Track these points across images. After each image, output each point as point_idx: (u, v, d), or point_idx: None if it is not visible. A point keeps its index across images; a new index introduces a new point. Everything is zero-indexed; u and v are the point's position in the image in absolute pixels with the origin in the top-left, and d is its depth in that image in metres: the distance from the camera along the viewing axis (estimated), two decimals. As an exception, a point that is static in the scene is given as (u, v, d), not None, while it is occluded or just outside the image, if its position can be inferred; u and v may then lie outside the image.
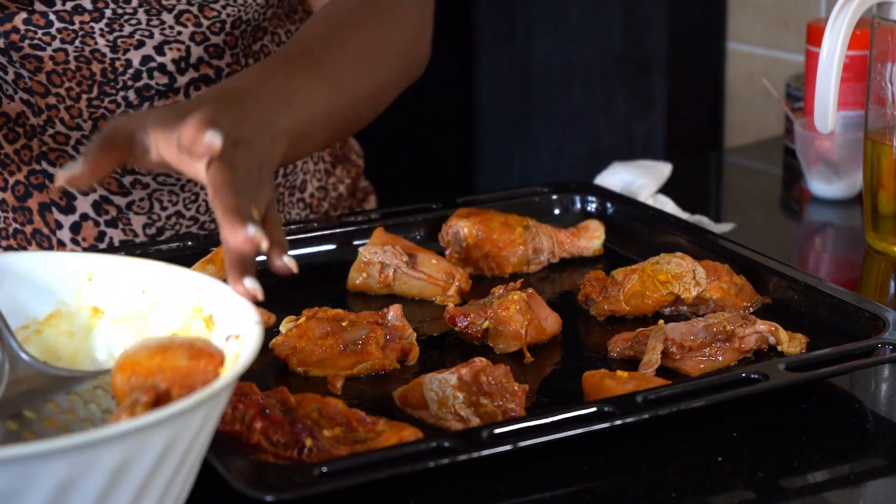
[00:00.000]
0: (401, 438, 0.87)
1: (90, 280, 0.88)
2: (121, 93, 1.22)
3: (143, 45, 1.21)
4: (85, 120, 1.22)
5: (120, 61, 1.20)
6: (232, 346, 0.79)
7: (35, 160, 1.24)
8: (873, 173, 1.32)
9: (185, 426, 0.70)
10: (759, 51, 1.99)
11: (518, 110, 2.47)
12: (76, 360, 0.88)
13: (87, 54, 1.20)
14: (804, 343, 1.04)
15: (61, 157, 1.23)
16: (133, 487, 0.68)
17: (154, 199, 1.26)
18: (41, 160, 1.23)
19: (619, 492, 0.88)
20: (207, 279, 0.85)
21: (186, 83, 1.23)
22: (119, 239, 1.26)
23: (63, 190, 1.22)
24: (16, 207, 1.25)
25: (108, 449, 0.66)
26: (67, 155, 1.23)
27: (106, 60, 1.20)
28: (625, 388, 0.94)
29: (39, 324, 0.88)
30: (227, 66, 1.25)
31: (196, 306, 0.84)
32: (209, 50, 1.23)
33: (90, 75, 1.21)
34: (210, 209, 1.26)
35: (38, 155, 1.23)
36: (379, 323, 1.05)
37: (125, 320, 0.87)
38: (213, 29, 1.23)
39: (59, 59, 1.20)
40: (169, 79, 1.22)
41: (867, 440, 0.96)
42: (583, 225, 1.25)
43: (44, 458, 0.64)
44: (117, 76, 1.21)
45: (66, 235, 1.26)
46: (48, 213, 1.25)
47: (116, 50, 1.20)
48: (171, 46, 1.21)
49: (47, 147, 1.23)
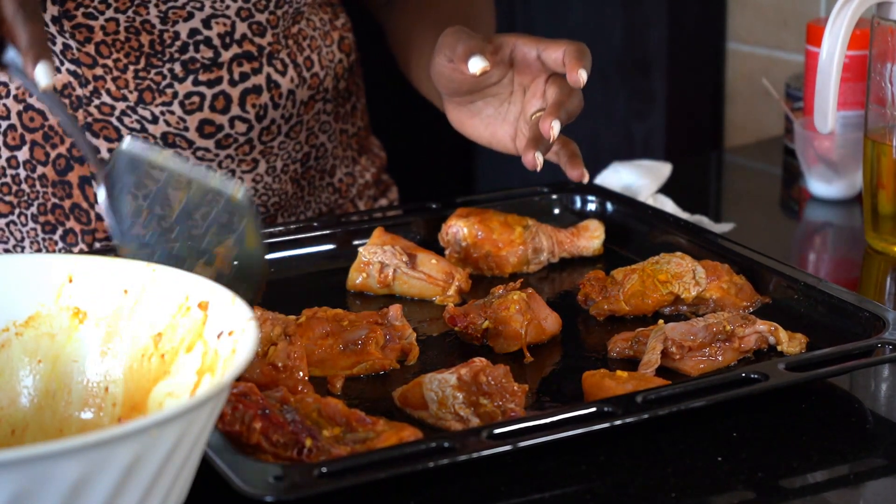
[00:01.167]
0: (401, 438, 0.87)
1: (70, 281, 0.88)
2: (167, 65, 1.23)
3: (192, 17, 1.23)
4: (131, 91, 1.24)
5: (168, 33, 1.22)
6: (226, 342, 0.79)
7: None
8: (873, 173, 1.32)
9: (193, 421, 0.70)
10: (759, 51, 1.99)
11: (518, 110, 2.47)
12: (58, 363, 0.88)
13: (138, 25, 1.21)
14: (804, 343, 1.04)
15: (105, 128, 1.24)
16: (143, 484, 0.69)
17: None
18: (85, 131, 1.24)
19: (619, 492, 0.88)
20: (192, 276, 0.85)
21: (230, 58, 1.25)
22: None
23: (103, 162, 1.23)
24: (55, 182, 1.26)
25: (121, 446, 0.66)
26: (112, 126, 1.24)
27: (155, 32, 1.22)
28: (625, 388, 0.94)
29: (20, 326, 0.88)
30: (268, 44, 1.27)
31: (182, 304, 0.84)
32: (252, 27, 1.25)
33: (138, 46, 1.22)
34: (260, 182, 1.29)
35: (83, 126, 1.24)
36: (379, 323, 1.05)
37: (107, 321, 0.87)
38: (259, 6, 1.25)
39: (109, 29, 1.21)
40: (214, 53, 1.24)
41: (867, 440, 0.96)
42: (582, 225, 1.25)
43: (59, 458, 0.64)
44: (164, 48, 1.23)
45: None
46: (88, 187, 1.26)
47: (166, 21, 1.22)
48: (218, 20, 1.24)
49: (92, 118, 1.24)
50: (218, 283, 0.85)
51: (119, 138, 1.24)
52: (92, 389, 0.87)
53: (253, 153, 1.28)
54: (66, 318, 0.88)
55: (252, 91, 1.26)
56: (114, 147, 1.24)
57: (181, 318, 0.84)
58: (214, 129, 1.25)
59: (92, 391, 0.87)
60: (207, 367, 0.81)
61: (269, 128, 1.27)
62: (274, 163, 1.30)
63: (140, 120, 1.24)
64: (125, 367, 0.86)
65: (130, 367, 0.86)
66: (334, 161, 1.38)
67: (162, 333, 0.85)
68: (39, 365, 0.88)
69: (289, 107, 1.28)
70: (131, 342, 0.86)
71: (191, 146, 1.25)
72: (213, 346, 0.81)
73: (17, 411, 0.87)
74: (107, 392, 0.87)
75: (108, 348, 0.87)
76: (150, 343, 0.85)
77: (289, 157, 1.31)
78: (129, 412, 0.86)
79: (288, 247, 1.20)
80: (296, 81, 1.28)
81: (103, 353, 0.87)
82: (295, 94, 1.29)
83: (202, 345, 0.82)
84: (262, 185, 1.30)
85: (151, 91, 1.24)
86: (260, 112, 1.26)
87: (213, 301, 0.82)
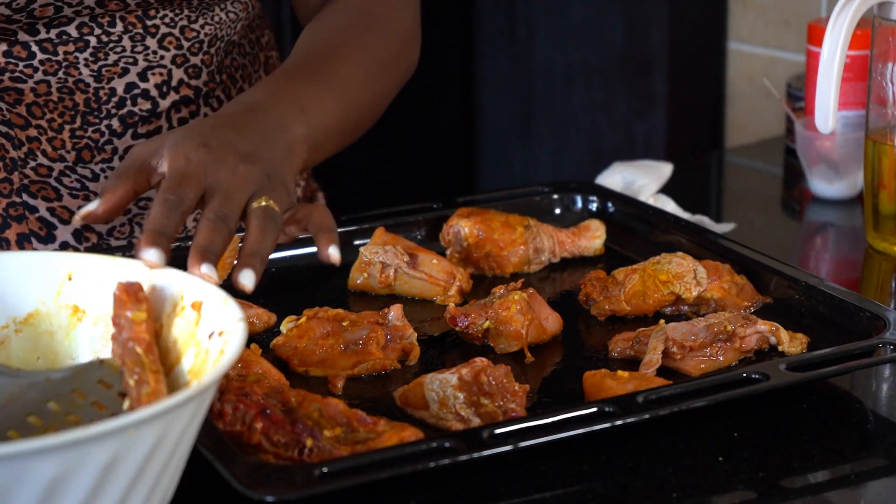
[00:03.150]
0: (401, 438, 0.87)
1: (70, 279, 0.88)
2: (104, 121, 1.21)
3: (128, 72, 1.20)
4: (68, 151, 1.21)
5: (104, 90, 1.20)
6: (216, 342, 0.80)
7: (15, 193, 1.21)
8: (874, 173, 1.32)
9: (174, 422, 0.70)
10: (760, 50, 1.99)
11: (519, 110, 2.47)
12: (57, 360, 0.88)
13: (71, 85, 1.19)
14: (805, 343, 1.04)
15: (43, 188, 1.21)
16: (122, 484, 0.69)
17: (134, 224, 1.24)
18: (22, 193, 1.21)
19: (619, 492, 0.88)
20: (188, 276, 0.85)
21: (168, 107, 1.23)
22: None
23: (43, 220, 1.21)
24: None
25: (98, 445, 0.66)
26: (50, 187, 1.21)
27: (90, 90, 1.19)
28: (625, 388, 0.94)
29: (19, 323, 0.88)
30: (204, 84, 1.25)
31: (178, 303, 0.84)
32: (189, 71, 1.23)
33: (73, 106, 1.20)
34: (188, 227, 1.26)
35: (19, 188, 1.21)
36: (380, 323, 1.05)
37: (106, 319, 0.87)
38: (193, 49, 1.23)
39: (40, 90, 1.18)
40: (152, 104, 1.22)
41: (868, 440, 0.96)
42: (584, 225, 1.25)
43: (35, 456, 0.65)
44: (101, 105, 1.20)
45: None
46: (27, 244, 1.22)
47: (101, 79, 1.19)
48: (154, 71, 1.21)
49: (28, 180, 1.21)
50: None
51: (58, 198, 1.21)
52: None
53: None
54: (66, 316, 0.88)
55: None
56: (53, 206, 1.21)
57: (176, 317, 0.84)
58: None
59: None
60: (199, 366, 0.81)
61: None
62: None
63: (80, 179, 1.21)
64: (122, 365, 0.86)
65: (126, 365, 0.86)
66: None
67: (158, 333, 0.85)
68: (38, 362, 0.88)
69: None
70: None
71: (138, 202, 1.23)
72: (204, 346, 0.81)
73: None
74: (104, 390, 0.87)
75: (105, 347, 0.87)
76: None
77: None
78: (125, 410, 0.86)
79: (288, 247, 1.20)
80: None
81: (101, 352, 0.87)
82: None
83: (195, 344, 0.82)
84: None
85: (90, 149, 1.21)
86: None
87: (206, 301, 0.82)
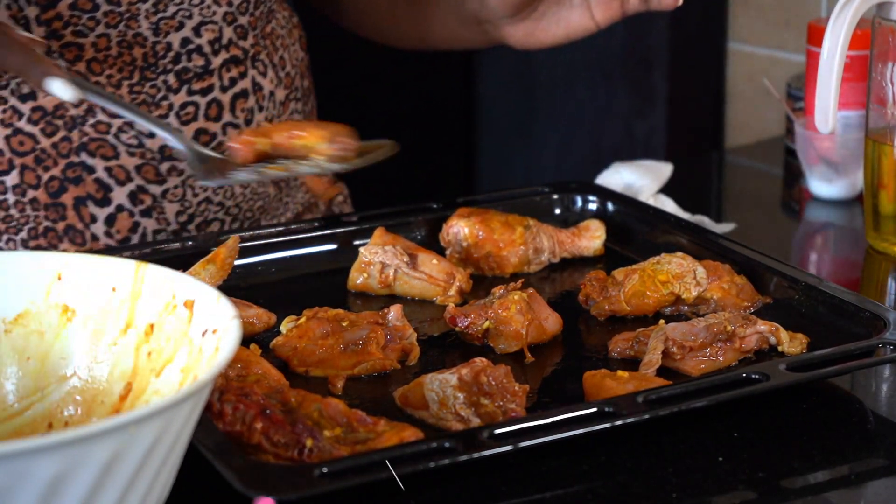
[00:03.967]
0: (401, 439, 0.87)
1: (59, 279, 0.88)
2: (161, 77, 1.23)
3: (183, 26, 1.23)
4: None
5: (161, 44, 1.22)
6: (210, 340, 0.80)
7: (74, 152, 1.24)
8: (874, 173, 1.32)
9: (172, 419, 0.70)
10: (760, 51, 1.99)
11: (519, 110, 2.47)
12: (47, 360, 0.88)
13: (130, 38, 1.21)
14: (805, 343, 1.04)
15: (101, 146, 1.24)
16: (122, 482, 0.69)
17: (187, 187, 1.27)
18: (80, 151, 1.24)
19: (619, 492, 0.88)
20: (179, 275, 0.85)
21: (220, 65, 1.25)
22: (152, 228, 1.28)
23: (100, 181, 1.24)
24: (48, 205, 1.25)
25: (99, 443, 0.66)
26: (108, 144, 1.24)
27: (147, 44, 1.22)
28: (625, 388, 0.94)
29: (9, 324, 0.88)
30: (251, 46, 1.28)
31: (169, 302, 0.84)
32: (237, 31, 1.26)
33: (131, 61, 1.22)
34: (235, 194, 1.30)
35: (78, 146, 1.24)
36: (379, 323, 1.05)
37: (96, 318, 0.87)
38: (241, 9, 1.26)
39: (100, 45, 1.20)
40: (205, 60, 1.24)
41: (868, 440, 0.96)
42: (583, 225, 1.25)
43: (36, 454, 0.65)
44: (157, 60, 1.23)
45: (100, 229, 1.26)
46: (83, 208, 1.25)
47: (158, 33, 1.22)
48: (207, 27, 1.24)
49: (88, 137, 1.24)
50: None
51: (116, 156, 1.24)
52: (80, 387, 0.87)
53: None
54: (55, 316, 0.88)
55: (240, 96, 1.27)
56: (111, 165, 1.24)
57: (168, 316, 0.84)
58: (209, 138, 1.26)
59: (80, 389, 0.87)
60: (192, 365, 0.81)
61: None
62: None
63: (137, 135, 1.24)
64: (113, 364, 0.86)
65: (118, 364, 0.86)
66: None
67: (149, 332, 0.85)
68: (28, 362, 0.88)
69: (270, 108, 1.30)
70: (119, 340, 0.86)
71: (179, 170, 1.25)
72: (197, 345, 0.81)
73: (5, 409, 0.87)
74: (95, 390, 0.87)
75: (95, 346, 0.87)
76: (138, 341, 0.86)
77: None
78: (116, 410, 0.86)
79: (289, 247, 1.20)
80: (275, 82, 1.30)
81: (91, 351, 0.87)
82: (275, 95, 1.30)
83: (188, 343, 0.82)
84: (249, 190, 1.31)
85: (147, 105, 1.23)
86: (248, 116, 1.27)
87: (198, 299, 0.82)
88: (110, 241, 1.26)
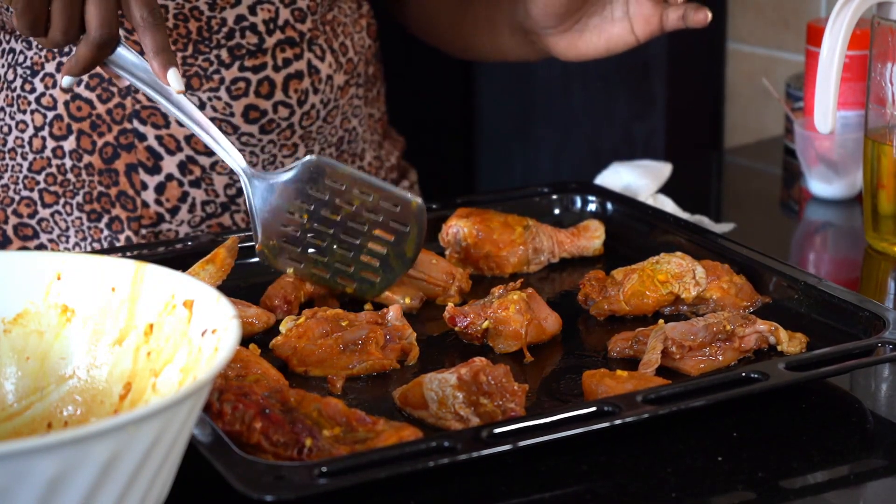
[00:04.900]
0: (401, 438, 0.87)
1: (59, 279, 0.88)
2: (214, 51, 1.25)
3: (239, 3, 1.25)
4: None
5: (216, 19, 1.24)
6: (209, 340, 0.80)
7: (127, 119, 1.27)
8: (873, 173, 1.32)
9: (172, 419, 0.70)
10: (760, 51, 1.99)
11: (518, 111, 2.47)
12: (46, 360, 0.88)
13: (186, 12, 1.23)
14: (804, 343, 1.04)
15: (153, 114, 1.27)
16: (121, 482, 0.69)
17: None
18: (133, 118, 1.26)
19: (619, 492, 0.88)
20: (179, 275, 0.85)
21: (274, 44, 1.27)
22: (201, 199, 1.29)
23: (150, 150, 1.27)
24: (102, 170, 1.28)
25: (98, 443, 0.66)
26: (159, 113, 1.26)
27: (203, 18, 1.24)
28: (625, 387, 0.94)
29: (8, 323, 0.88)
30: (308, 30, 1.29)
31: (168, 302, 0.84)
32: (294, 13, 1.28)
33: (186, 33, 1.25)
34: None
35: (131, 114, 1.26)
36: (379, 323, 1.05)
37: (95, 318, 0.87)
38: None
39: None
40: (258, 39, 1.26)
41: (867, 440, 0.96)
42: (583, 225, 1.25)
43: (36, 454, 0.65)
44: (212, 34, 1.25)
45: (151, 196, 1.29)
46: (134, 174, 1.28)
47: (214, 8, 1.24)
48: (263, 7, 1.26)
49: (140, 105, 1.26)
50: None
51: (166, 125, 1.27)
52: (80, 387, 0.87)
53: (293, 138, 1.31)
54: (55, 316, 0.88)
55: (294, 76, 1.28)
56: (161, 134, 1.27)
57: (167, 315, 0.84)
58: (259, 115, 1.27)
59: (79, 389, 0.87)
60: (192, 364, 0.81)
61: (309, 112, 1.30)
62: (312, 147, 1.33)
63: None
64: (112, 364, 0.86)
65: (118, 364, 0.86)
66: (364, 145, 1.42)
67: (148, 331, 0.85)
68: (28, 362, 0.88)
69: (327, 91, 1.31)
70: (118, 340, 0.86)
71: (236, 131, 1.28)
72: (197, 344, 0.81)
73: (4, 409, 0.87)
74: (94, 389, 0.87)
75: (95, 346, 0.87)
76: (137, 341, 0.86)
77: (325, 140, 1.34)
78: (116, 410, 0.86)
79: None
80: (333, 66, 1.32)
81: (91, 351, 0.87)
82: (333, 79, 1.32)
83: (187, 343, 0.82)
84: None
85: (199, 77, 1.26)
86: (301, 97, 1.29)
87: (198, 299, 0.82)
88: (160, 209, 1.29)
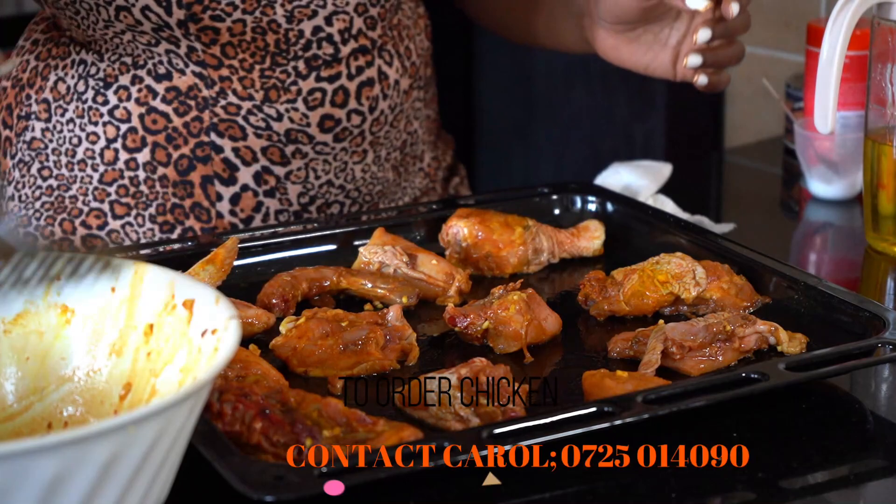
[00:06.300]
0: (401, 438, 0.87)
1: (58, 279, 0.88)
2: (291, 63, 1.26)
3: (316, 15, 1.25)
4: (257, 90, 1.26)
5: (293, 31, 1.25)
6: (209, 340, 0.80)
7: (204, 132, 1.27)
8: (873, 173, 1.32)
9: (172, 419, 0.70)
10: (760, 51, 1.99)
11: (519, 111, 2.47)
12: (46, 361, 0.88)
13: (264, 24, 1.24)
14: (804, 343, 1.04)
15: (231, 127, 1.27)
16: (121, 482, 0.69)
17: (310, 169, 1.30)
18: (210, 131, 1.27)
19: (619, 492, 0.88)
20: (178, 275, 0.85)
21: (348, 53, 1.28)
22: (275, 209, 1.30)
23: (227, 161, 1.28)
24: (177, 182, 1.29)
25: (98, 444, 0.66)
26: (237, 126, 1.27)
27: (280, 31, 1.24)
28: (625, 388, 0.94)
29: (8, 324, 0.88)
30: (378, 37, 1.30)
31: (168, 302, 0.84)
32: (367, 21, 1.29)
33: (264, 46, 1.25)
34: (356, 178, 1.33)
35: (208, 127, 1.27)
36: (379, 323, 1.05)
37: (95, 319, 0.87)
38: (372, 0, 1.29)
39: (235, 30, 1.23)
40: (334, 49, 1.27)
41: (867, 440, 0.96)
42: (583, 225, 1.25)
43: (36, 455, 0.65)
44: (289, 47, 1.25)
45: (226, 207, 1.29)
46: (210, 186, 1.28)
47: (292, 20, 1.24)
48: (339, 17, 1.27)
49: (218, 118, 1.27)
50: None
51: (244, 137, 1.27)
52: (79, 387, 0.87)
53: (363, 144, 1.31)
54: (54, 316, 0.88)
55: (366, 84, 1.29)
56: (238, 146, 1.27)
57: (167, 316, 0.84)
58: (333, 124, 1.28)
59: (79, 389, 0.87)
60: (192, 365, 0.81)
61: (379, 118, 1.31)
62: (379, 151, 1.34)
63: (266, 118, 1.27)
64: (112, 365, 0.86)
65: (117, 365, 0.86)
66: (423, 146, 1.43)
67: (148, 332, 0.85)
68: (27, 362, 0.88)
69: (394, 96, 1.32)
70: (118, 340, 0.86)
71: (311, 141, 1.28)
72: (197, 345, 0.81)
73: (4, 409, 0.87)
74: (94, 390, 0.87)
75: (95, 346, 0.87)
76: (137, 341, 0.86)
77: (391, 144, 1.35)
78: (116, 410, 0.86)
79: (289, 247, 1.20)
80: (400, 71, 1.33)
81: (91, 351, 0.87)
82: (399, 84, 1.33)
83: (187, 343, 0.82)
84: (370, 175, 1.34)
85: (277, 89, 1.26)
86: (372, 104, 1.30)
87: (197, 300, 0.82)
88: (234, 219, 1.29)
